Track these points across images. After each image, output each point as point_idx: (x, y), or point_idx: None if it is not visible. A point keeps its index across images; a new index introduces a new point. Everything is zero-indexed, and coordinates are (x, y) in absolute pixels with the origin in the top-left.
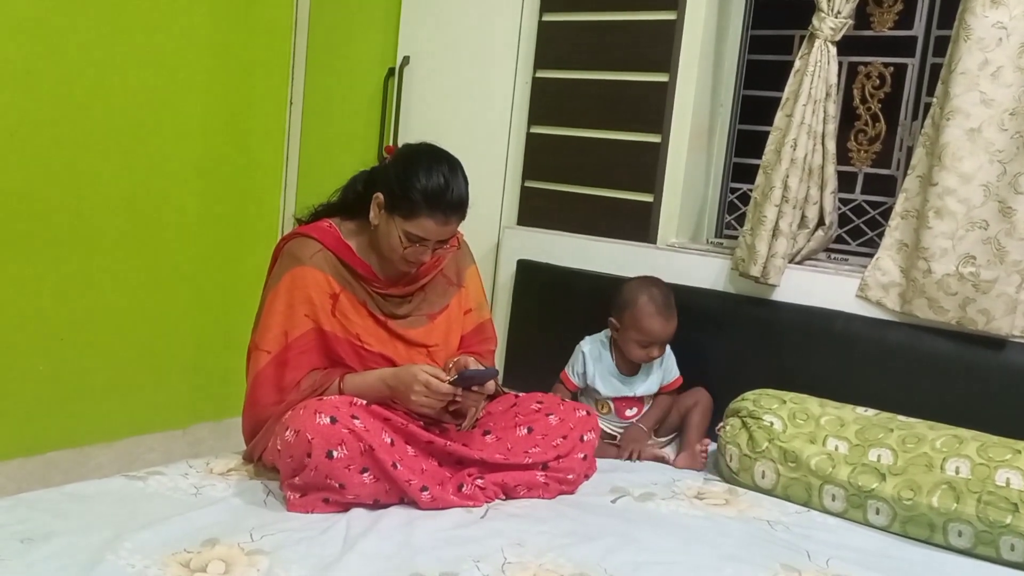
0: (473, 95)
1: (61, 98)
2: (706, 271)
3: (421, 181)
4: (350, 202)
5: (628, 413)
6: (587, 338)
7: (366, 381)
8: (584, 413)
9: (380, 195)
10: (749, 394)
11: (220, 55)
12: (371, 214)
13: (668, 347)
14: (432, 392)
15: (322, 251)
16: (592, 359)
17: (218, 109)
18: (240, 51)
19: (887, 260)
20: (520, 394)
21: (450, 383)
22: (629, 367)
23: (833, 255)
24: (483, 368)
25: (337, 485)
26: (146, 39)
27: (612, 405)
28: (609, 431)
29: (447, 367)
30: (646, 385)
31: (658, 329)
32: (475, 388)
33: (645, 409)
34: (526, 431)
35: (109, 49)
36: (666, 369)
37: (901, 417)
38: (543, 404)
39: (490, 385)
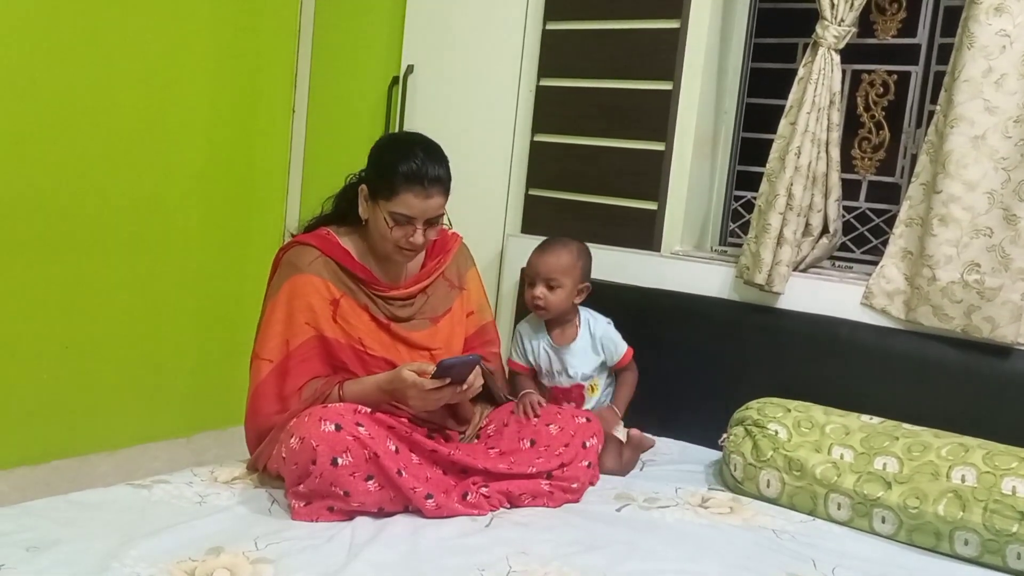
0: (477, 103)
1: (65, 107)
2: (710, 279)
3: (397, 160)
4: (343, 210)
5: (567, 407)
6: (524, 320)
7: (364, 388)
8: (584, 420)
9: (364, 187)
10: (754, 403)
11: (224, 63)
12: (360, 209)
13: (610, 327)
14: (424, 392)
15: (321, 257)
16: (528, 337)
17: (222, 117)
18: (244, 59)
19: (892, 268)
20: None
21: (432, 376)
22: (557, 334)
23: (837, 263)
24: (463, 357)
25: (342, 493)
26: (150, 47)
27: (550, 394)
28: None
29: None
30: (579, 361)
31: (532, 260)
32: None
33: (586, 404)
34: (529, 444)
35: (113, 57)
36: (607, 350)
37: (906, 425)
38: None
39: (478, 382)
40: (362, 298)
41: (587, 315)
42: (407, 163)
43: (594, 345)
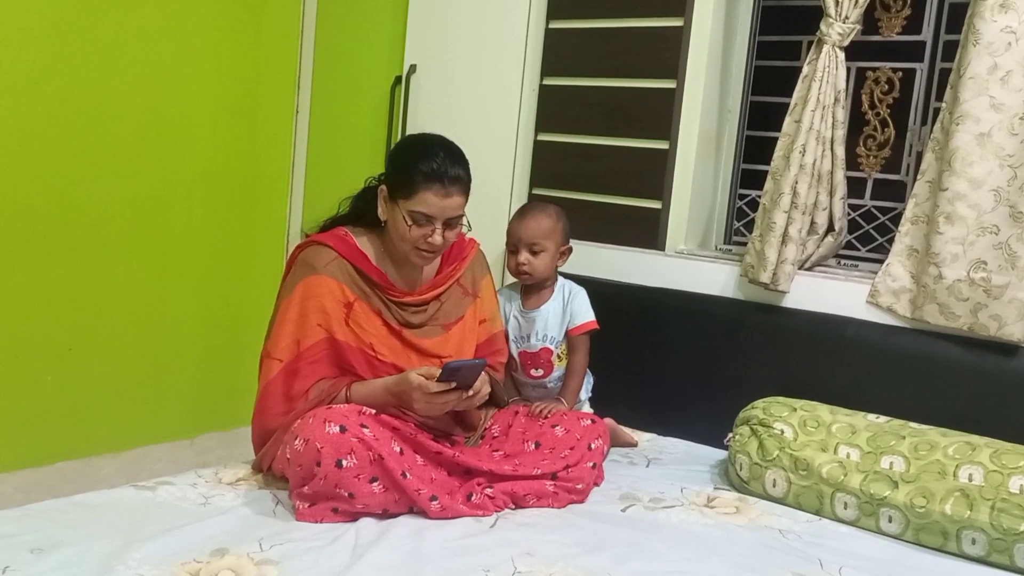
0: (480, 103)
1: (68, 110)
2: (715, 278)
3: (417, 159)
4: (360, 210)
5: (534, 373)
6: (503, 287)
7: (371, 390)
8: (589, 422)
9: (383, 187)
10: (759, 402)
11: (227, 64)
12: (379, 211)
13: (581, 292)
14: (429, 395)
15: (337, 259)
16: (505, 299)
17: (225, 118)
18: (246, 60)
19: (897, 266)
20: (526, 404)
21: (437, 379)
22: (530, 299)
23: (843, 261)
24: (469, 360)
25: (346, 494)
26: (153, 48)
27: (519, 361)
28: (520, 392)
29: None
30: (546, 323)
31: (513, 228)
32: (469, 392)
33: (554, 372)
34: (534, 446)
35: (116, 58)
36: (572, 312)
37: (913, 424)
38: (547, 416)
39: (485, 390)
40: (376, 302)
41: (565, 282)
42: (428, 162)
43: (564, 307)
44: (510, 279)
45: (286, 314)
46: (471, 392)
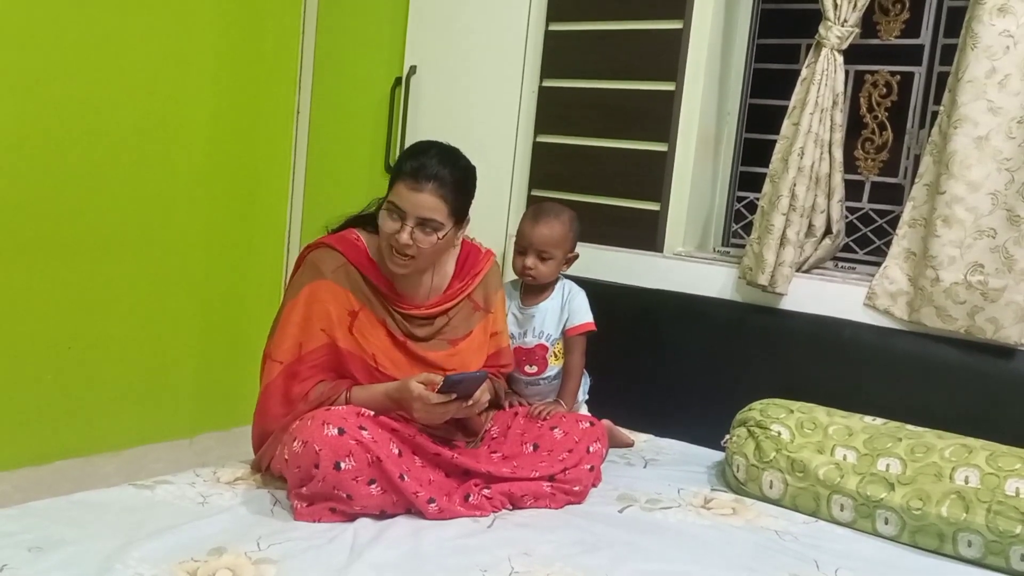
0: (480, 104)
1: (68, 110)
2: (713, 280)
3: (406, 155)
4: (374, 216)
5: (528, 370)
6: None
7: (371, 395)
8: (588, 424)
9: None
10: (756, 404)
11: (227, 65)
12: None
13: (580, 292)
14: (429, 406)
15: (345, 265)
16: (508, 296)
17: (225, 119)
18: (247, 61)
19: (895, 269)
20: (524, 406)
21: (438, 391)
22: (529, 296)
23: (840, 264)
24: (470, 373)
25: (345, 496)
26: (153, 50)
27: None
28: (514, 389)
29: None
30: (543, 320)
31: (526, 231)
32: (469, 402)
33: (548, 371)
34: (532, 448)
35: (116, 59)
36: (570, 311)
37: (910, 426)
38: (546, 418)
39: (485, 398)
40: (380, 312)
41: (565, 282)
42: (413, 158)
43: (562, 306)
44: (510, 275)
45: (290, 316)
46: (470, 402)
